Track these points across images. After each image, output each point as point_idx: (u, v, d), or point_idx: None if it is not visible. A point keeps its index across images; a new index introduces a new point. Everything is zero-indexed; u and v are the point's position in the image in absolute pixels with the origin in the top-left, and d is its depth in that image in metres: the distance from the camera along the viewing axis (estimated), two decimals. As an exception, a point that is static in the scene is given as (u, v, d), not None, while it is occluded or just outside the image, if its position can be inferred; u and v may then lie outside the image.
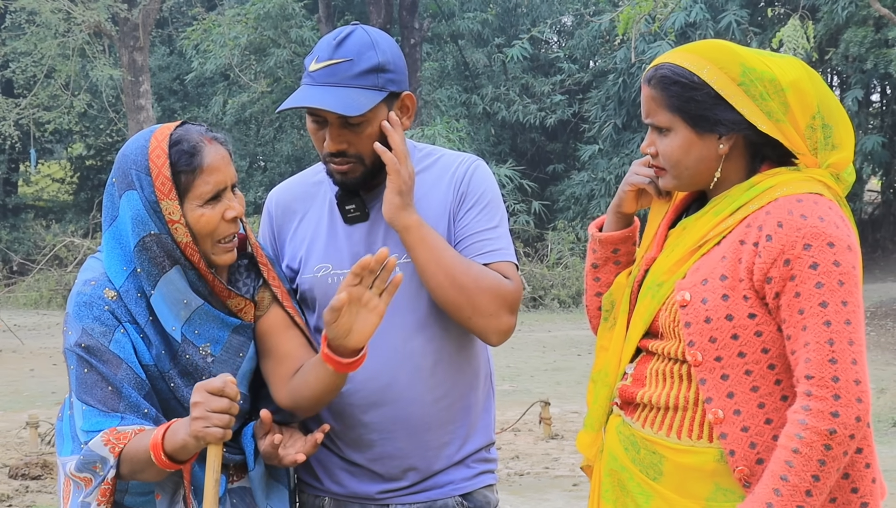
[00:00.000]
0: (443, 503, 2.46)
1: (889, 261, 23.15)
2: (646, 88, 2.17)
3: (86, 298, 2.28)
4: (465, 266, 2.37)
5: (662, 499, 2.11)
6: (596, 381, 2.32)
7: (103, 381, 2.24)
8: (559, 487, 7.32)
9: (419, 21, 24.56)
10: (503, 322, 2.39)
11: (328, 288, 2.44)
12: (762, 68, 2.09)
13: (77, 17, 20.83)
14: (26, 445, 8.70)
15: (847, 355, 1.96)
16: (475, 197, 2.46)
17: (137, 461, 2.19)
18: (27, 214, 29.45)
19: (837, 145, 2.13)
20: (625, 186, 2.30)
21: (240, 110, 25.62)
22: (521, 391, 11.36)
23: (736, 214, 2.10)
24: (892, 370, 11.97)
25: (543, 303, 20.98)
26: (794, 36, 13.36)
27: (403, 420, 2.42)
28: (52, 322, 19.95)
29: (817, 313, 1.97)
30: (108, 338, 2.25)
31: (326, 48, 2.35)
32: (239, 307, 2.38)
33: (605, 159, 23.36)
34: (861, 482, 2.05)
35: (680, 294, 2.09)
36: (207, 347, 2.35)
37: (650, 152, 2.20)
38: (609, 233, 2.35)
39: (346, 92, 2.30)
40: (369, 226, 2.45)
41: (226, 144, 2.34)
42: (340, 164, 2.37)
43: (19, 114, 22.57)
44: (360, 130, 2.34)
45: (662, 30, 17.89)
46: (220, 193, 2.29)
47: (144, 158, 2.26)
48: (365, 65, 2.32)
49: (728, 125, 2.09)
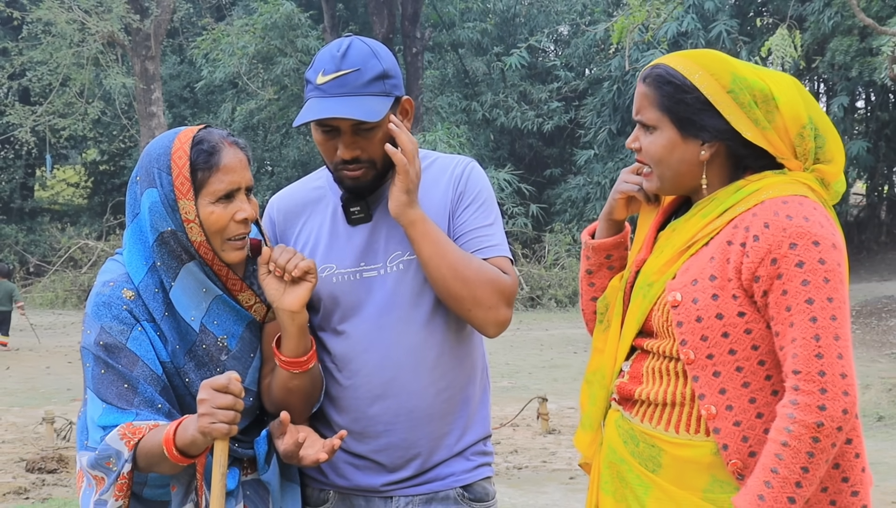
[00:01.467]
0: (444, 494, 2.48)
1: (874, 262, 23.29)
2: (641, 85, 2.19)
3: (105, 298, 2.30)
4: (467, 260, 2.40)
5: (661, 491, 2.12)
6: (591, 382, 2.34)
7: (120, 379, 2.25)
8: (556, 480, 7.40)
9: (421, 31, 24.73)
10: (501, 314, 2.42)
11: (332, 287, 2.46)
12: (754, 79, 2.11)
13: (91, 27, 20.91)
14: (43, 440, 8.80)
15: (833, 350, 1.96)
16: (472, 195, 2.49)
17: (152, 455, 2.20)
18: (43, 217, 29.45)
19: (829, 160, 2.15)
20: (615, 194, 2.32)
21: (248, 117, 25.67)
22: (519, 387, 11.48)
23: (723, 215, 2.11)
24: (877, 366, 12.14)
25: (541, 303, 21.18)
26: (782, 45, 13.49)
27: (407, 412, 2.44)
28: (68, 322, 20.04)
29: (804, 310, 1.98)
30: (125, 336, 2.27)
31: (331, 60, 2.35)
32: (250, 304, 2.40)
33: (601, 164, 23.53)
34: (851, 471, 2.06)
35: (671, 295, 2.10)
36: (224, 339, 2.36)
37: (634, 147, 2.22)
38: (601, 240, 2.37)
39: (359, 100, 2.32)
40: (371, 226, 2.47)
41: (245, 150, 2.37)
42: (354, 170, 2.39)
43: (35, 121, 22.59)
44: (372, 135, 2.36)
45: (655, 39, 17.83)
46: (234, 193, 2.31)
47: (167, 157, 2.30)
48: (372, 73, 2.34)
49: (712, 132, 2.11)
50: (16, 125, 22.82)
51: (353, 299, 2.45)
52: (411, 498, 2.47)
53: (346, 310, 2.46)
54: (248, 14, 25.81)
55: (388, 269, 2.45)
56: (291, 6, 23.98)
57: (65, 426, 8.88)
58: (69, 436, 8.79)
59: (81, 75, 22.39)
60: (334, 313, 2.47)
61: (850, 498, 2.06)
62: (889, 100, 24.08)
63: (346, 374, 2.46)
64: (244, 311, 2.39)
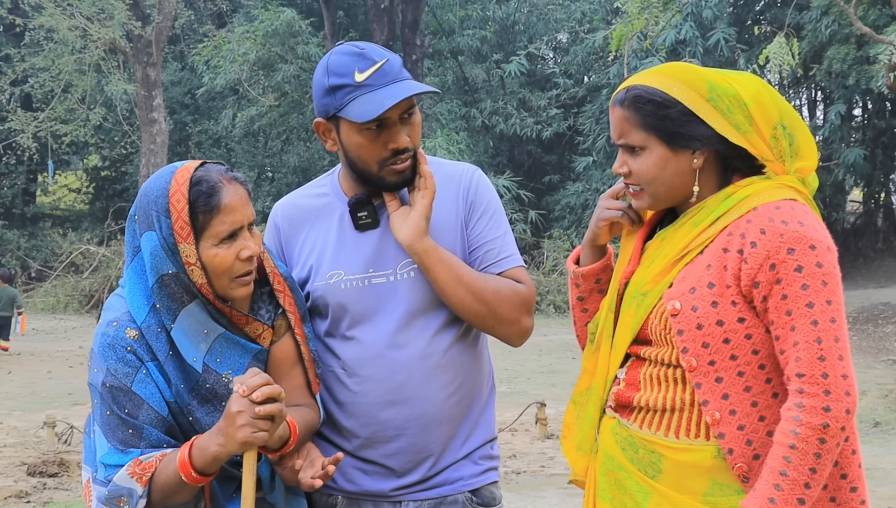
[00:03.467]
0: (453, 498, 2.48)
1: (870, 268, 23.34)
2: (617, 109, 2.18)
3: (109, 339, 2.27)
4: (483, 280, 2.41)
5: (661, 496, 2.12)
6: (577, 402, 2.34)
7: (124, 424, 2.24)
8: (554, 485, 7.40)
9: (420, 38, 24.78)
10: (524, 325, 2.46)
11: (341, 294, 2.45)
12: (725, 85, 2.12)
13: (93, 34, 20.95)
14: (44, 444, 8.84)
15: (834, 351, 1.98)
16: (483, 206, 2.49)
17: (168, 485, 2.20)
18: (45, 222, 29.54)
19: (803, 155, 2.16)
20: (599, 222, 2.32)
21: (248, 123, 25.69)
22: (518, 392, 11.48)
23: (716, 224, 2.11)
24: (874, 373, 12.16)
25: (539, 308, 21.09)
26: (780, 53, 13.51)
27: (418, 416, 2.43)
28: (69, 326, 20.15)
29: (804, 314, 2.00)
30: (130, 379, 2.25)
31: (359, 59, 2.34)
32: (257, 333, 2.37)
33: (599, 170, 23.56)
34: (849, 468, 2.08)
35: (670, 304, 2.10)
36: (230, 374, 2.33)
37: (622, 172, 2.21)
38: (589, 266, 2.37)
39: (408, 82, 2.35)
40: (380, 233, 2.46)
41: (245, 184, 2.31)
42: (405, 160, 2.38)
43: (37, 127, 22.68)
44: (413, 120, 2.38)
45: (654, 47, 18.02)
46: (237, 232, 2.26)
47: (165, 199, 2.23)
48: (398, 60, 2.38)
49: (701, 140, 2.11)
50: (18, 131, 22.92)
51: (362, 306, 2.44)
52: (420, 503, 2.47)
53: (355, 316, 2.45)
54: (249, 21, 25.83)
55: (398, 276, 2.44)
56: (292, 13, 24.03)
57: (66, 431, 8.90)
58: (70, 440, 8.83)
59: (83, 82, 22.50)
60: (343, 320, 2.46)
61: (850, 494, 2.08)
62: (886, 108, 24.07)
63: (355, 380, 2.45)
64: (250, 344, 2.36)
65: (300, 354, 2.43)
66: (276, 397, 2.15)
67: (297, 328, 2.42)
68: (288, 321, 2.42)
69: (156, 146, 22.15)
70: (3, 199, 29.13)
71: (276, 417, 2.15)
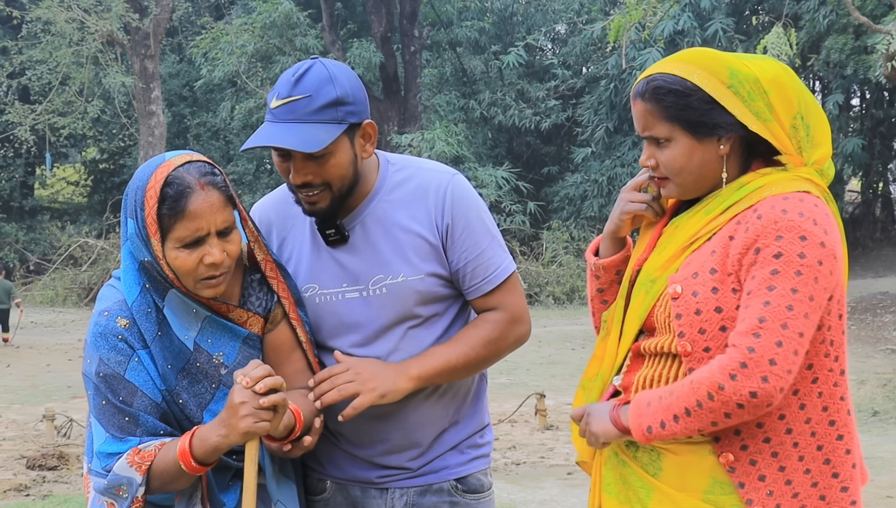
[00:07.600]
0: (438, 486, 2.52)
1: (869, 258, 23.42)
2: (638, 102, 2.15)
3: (101, 328, 2.28)
4: (477, 348, 2.46)
5: (662, 494, 2.12)
6: (586, 388, 2.33)
7: (120, 412, 2.25)
8: (554, 476, 7.44)
9: (419, 29, 24.81)
10: (523, 338, 2.54)
11: (317, 307, 2.46)
12: (745, 70, 2.08)
13: (90, 26, 20.88)
14: (43, 437, 8.89)
15: (774, 334, 1.94)
16: (462, 223, 2.45)
17: (167, 473, 2.22)
18: (43, 215, 29.52)
19: (818, 143, 2.13)
20: (622, 215, 2.29)
21: (247, 115, 25.63)
22: (517, 384, 11.55)
23: (727, 212, 2.10)
24: (872, 362, 12.19)
25: (539, 300, 21.20)
26: (778, 43, 13.56)
27: (401, 423, 2.47)
28: (68, 319, 20.20)
29: (762, 295, 1.97)
30: (123, 367, 2.26)
31: (286, 85, 2.32)
32: (243, 320, 2.38)
33: (598, 162, 23.65)
34: (841, 467, 2.06)
35: (672, 287, 2.09)
36: (221, 356, 2.35)
37: (650, 165, 2.18)
38: (610, 258, 2.35)
39: (306, 128, 2.28)
40: (350, 248, 2.45)
41: (224, 189, 2.27)
42: (308, 194, 2.36)
43: (35, 119, 22.68)
44: (324, 161, 2.33)
45: (652, 37, 18.11)
46: (203, 238, 2.24)
47: (142, 193, 2.24)
48: (323, 100, 2.30)
49: (726, 127, 2.09)
50: (15, 124, 22.88)
51: (336, 319, 2.47)
52: (406, 490, 2.51)
53: (331, 329, 2.48)
54: (246, 13, 25.81)
55: (370, 292, 2.45)
56: (290, 5, 23.98)
57: (65, 424, 8.92)
58: (69, 433, 8.86)
59: (81, 74, 22.47)
60: (321, 331, 2.49)
61: (840, 494, 2.06)
62: (884, 97, 24.11)
63: None
64: (238, 328, 2.37)
65: (298, 339, 2.44)
66: (279, 387, 2.17)
67: (291, 313, 2.43)
68: (283, 308, 2.43)
69: (154, 139, 22.12)
70: (2, 192, 29.09)
71: (279, 407, 2.17)
